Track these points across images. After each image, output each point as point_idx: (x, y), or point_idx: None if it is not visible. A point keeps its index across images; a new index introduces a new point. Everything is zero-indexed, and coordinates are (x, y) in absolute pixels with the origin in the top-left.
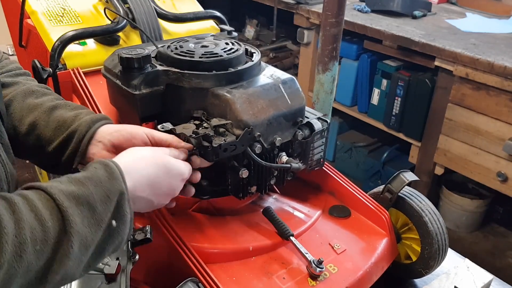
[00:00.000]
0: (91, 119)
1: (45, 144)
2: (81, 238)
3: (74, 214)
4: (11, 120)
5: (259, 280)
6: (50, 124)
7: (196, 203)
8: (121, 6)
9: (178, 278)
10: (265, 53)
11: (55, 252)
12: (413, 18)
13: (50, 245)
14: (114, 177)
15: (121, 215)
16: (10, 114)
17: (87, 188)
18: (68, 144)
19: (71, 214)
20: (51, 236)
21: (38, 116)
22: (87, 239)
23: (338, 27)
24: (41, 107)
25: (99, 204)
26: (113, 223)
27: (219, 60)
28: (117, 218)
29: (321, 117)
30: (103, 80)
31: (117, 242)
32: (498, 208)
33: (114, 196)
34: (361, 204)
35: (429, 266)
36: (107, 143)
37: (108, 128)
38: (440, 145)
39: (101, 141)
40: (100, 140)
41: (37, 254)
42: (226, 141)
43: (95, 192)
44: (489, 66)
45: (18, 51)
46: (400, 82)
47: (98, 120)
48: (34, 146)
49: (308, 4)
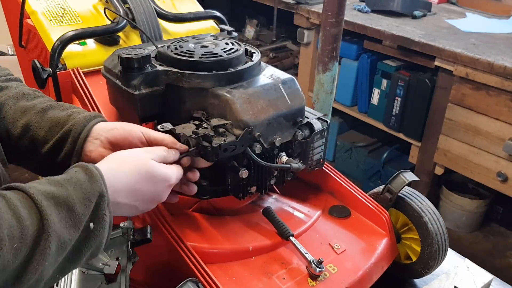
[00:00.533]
0: (84, 117)
1: (39, 145)
2: (59, 238)
3: (52, 214)
4: (4, 124)
5: (259, 280)
6: (43, 125)
7: (196, 203)
8: (121, 6)
9: (178, 278)
10: (265, 53)
11: (33, 251)
12: (413, 18)
13: (27, 243)
14: (94, 180)
15: (99, 218)
16: (2, 117)
17: (66, 189)
18: (64, 144)
19: (49, 213)
20: (29, 234)
21: (31, 118)
22: (65, 240)
23: (338, 27)
24: (34, 109)
25: (78, 205)
26: (90, 225)
27: (219, 60)
28: (95, 220)
29: (321, 117)
30: (103, 80)
31: (94, 246)
32: (498, 208)
33: (93, 198)
34: (361, 204)
35: (429, 266)
36: (104, 140)
37: (104, 126)
38: (440, 145)
39: (98, 138)
40: (97, 138)
41: (15, 252)
42: (226, 141)
43: (74, 193)
44: (489, 66)
45: (18, 51)
46: (400, 82)
47: (92, 118)
48: (28, 148)
49: (308, 4)
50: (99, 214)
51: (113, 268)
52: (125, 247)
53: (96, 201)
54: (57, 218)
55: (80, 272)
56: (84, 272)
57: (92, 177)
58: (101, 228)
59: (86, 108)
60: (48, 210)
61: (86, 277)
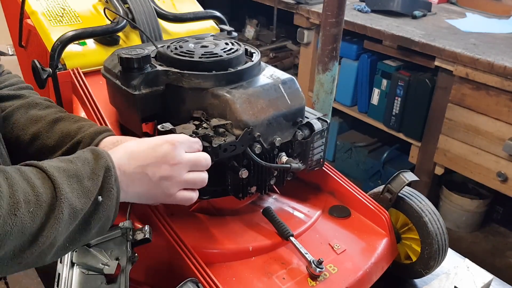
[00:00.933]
0: (94, 131)
1: (47, 154)
2: (71, 206)
3: (64, 183)
4: (14, 130)
5: (259, 280)
6: (53, 135)
7: (196, 203)
8: (121, 6)
9: (178, 278)
10: (265, 53)
11: (48, 216)
12: (413, 18)
13: (43, 208)
14: (100, 157)
15: (107, 191)
16: (13, 123)
17: (75, 164)
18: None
19: (60, 183)
20: (43, 200)
21: (42, 127)
22: (76, 208)
23: (338, 27)
24: (45, 119)
25: (86, 179)
26: (99, 198)
27: (219, 60)
28: (103, 193)
29: (321, 117)
30: (103, 80)
31: (103, 219)
32: (498, 208)
33: (100, 172)
34: (361, 204)
35: (429, 266)
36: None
37: (111, 139)
38: (440, 145)
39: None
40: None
41: (31, 216)
42: (226, 141)
43: (82, 168)
44: (489, 66)
45: (18, 51)
46: (400, 82)
47: (101, 132)
48: (37, 156)
49: (308, 4)
50: (106, 187)
51: (113, 268)
52: (125, 247)
53: (103, 175)
54: (69, 188)
55: (81, 273)
56: (84, 272)
57: (98, 155)
58: (108, 201)
59: (86, 109)
60: (60, 180)
61: (86, 277)
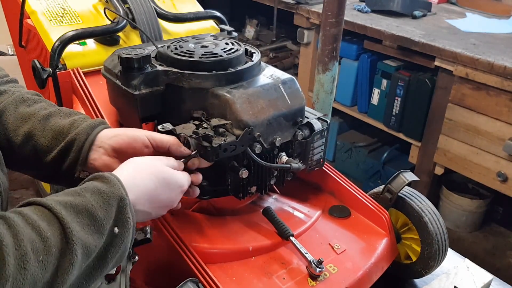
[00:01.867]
0: (88, 125)
1: (42, 154)
2: (84, 246)
3: (74, 222)
4: (4, 131)
5: (259, 280)
6: (46, 133)
7: (196, 203)
8: (121, 6)
9: (178, 278)
10: (265, 53)
11: (60, 262)
12: (413, 18)
13: (53, 255)
14: (112, 184)
15: (123, 221)
16: (3, 124)
17: (83, 197)
18: (68, 153)
19: (69, 221)
20: (53, 245)
21: (33, 126)
22: (90, 247)
23: (338, 27)
24: (35, 116)
25: (98, 211)
26: (115, 230)
27: (219, 60)
28: (119, 224)
29: (321, 117)
30: (103, 80)
31: (120, 251)
32: (498, 208)
33: (113, 202)
34: (361, 204)
35: (429, 266)
36: (108, 148)
37: (107, 133)
38: (440, 145)
39: (102, 146)
40: (101, 146)
41: (42, 266)
42: (226, 141)
43: (93, 199)
44: (489, 66)
45: (18, 51)
46: (400, 82)
47: (96, 125)
48: (31, 157)
49: (308, 4)
50: (122, 218)
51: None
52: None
53: (118, 204)
54: (79, 226)
55: None
56: None
57: (109, 182)
58: (126, 232)
59: (86, 109)
60: (69, 219)
61: None
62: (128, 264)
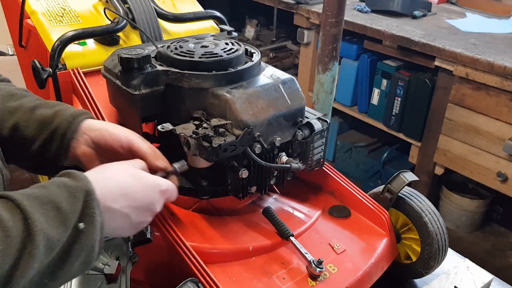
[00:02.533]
0: (71, 114)
1: (28, 144)
2: (47, 238)
3: (37, 212)
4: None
5: (259, 280)
6: (31, 124)
7: (196, 203)
8: (121, 6)
9: (178, 278)
10: (265, 53)
11: (20, 254)
12: (413, 18)
13: (14, 245)
14: (78, 179)
15: (89, 217)
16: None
17: (49, 189)
18: (52, 142)
19: (32, 212)
20: (14, 235)
21: (19, 118)
22: (53, 239)
23: (338, 27)
24: (22, 109)
25: (64, 203)
26: (80, 225)
27: (219, 60)
28: (85, 219)
29: (321, 117)
30: (103, 80)
31: (85, 250)
32: (498, 208)
33: (79, 195)
34: (361, 204)
35: (429, 266)
36: (88, 138)
37: (91, 123)
38: (440, 145)
39: (82, 136)
40: (83, 135)
41: (1, 256)
42: (226, 141)
43: (58, 192)
44: (489, 66)
45: (18, 51)
46: (400, 82)
47: (78, 115)
48: (17, 148)
49: (308, 4)
50: (88, 213)
51: (113, 268)
52: (125, 247)
53: (84, 199)
54: (43, 217)
55: None
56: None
57: (76, 178)
58: (91, 228)
59: (86, 108)
60: (31, 209)
61: (86, 277)
62: (129, 264)
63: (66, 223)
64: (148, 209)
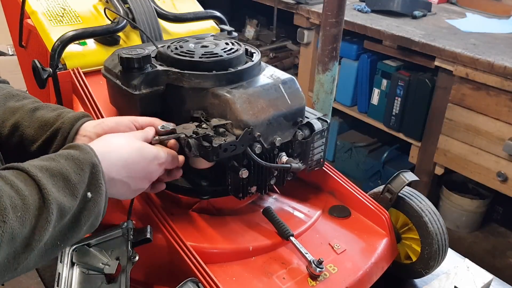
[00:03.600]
0: (73, 116)
1: (28, 143)
2: (59, 206)
3: (49, 183)
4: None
5: (259, 280)
6: (32, 124)
7: (196, 203)
8: (121, 6)
9: (178, 278)
10: (265, 53)
11: (37, 219)
12: (413, 18)
13: (30, 212)
14: (84, 152)
15: (96, 187)
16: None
17: (58, 162)
18: (52, 142)
19: (45, 183)
20: (30, 203)
21: (20, 117)
22: (65, 208)
23: (338, 27)
24: (23, 109)
25: (72, 175)
26: (88, 194)
27: (219, 60)
28: (92, 189)
29: (321, 117)
30: (103, 80)
31: (93, 215)
32: (498, 208)
33: (86, 168)
34: (361, 204)
35: (429, 266)
36: (93, 135)
37: (91, 123)
38: (440, 145)
39: (86, 135)
40: (85, 135)
41: (20, 221)
42: (226, 141)
43: (67, 164)
44: (489, 66)
45: (18, 51)
46: (400, 82)
47: (80, 117)
48: (17, 147)
49: (308, 4)
50: (95, 184)
51: (113, 268)
52: (125, 247)
53: (90, 170)
54: (55, 187)
55: (81, 272)
56: (84, 272)
57: (82, 150)
58: (98, 197)
59: (86, 109)
60: (44, 180)
61: (87, 277)
62: (129, 264)
63: (75, 193)
64: (146, 178)
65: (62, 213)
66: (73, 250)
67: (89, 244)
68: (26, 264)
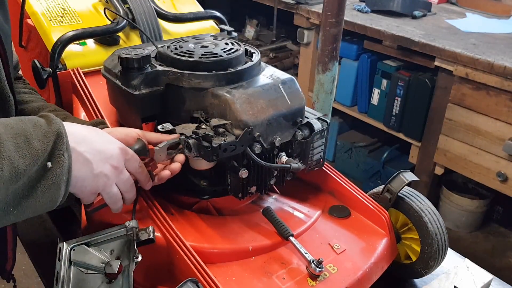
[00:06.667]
0: (90, 123)
1: None
2: (12, 165)
3: (9, 140)
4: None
5: (259, 280)
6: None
7: (196, 203)
8: (121, 6)
9: (178, 278)
10: (265, 53)
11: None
12: (413, 18)
13: None
14: (53, 122)
15: (57, 157)
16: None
17: (26, 125)
18: None
19: (5, 139)
20: None
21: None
22: (19, 169)
23: (338, 27)
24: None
25: (35, 141)
26: (48, 164)
27: (219, 60)
28: (53, 160)
29: (321, 117)
30: (103, 80)
31: (52, 188)
32: (498, 208)
33: (51, 136)
34: (361, 204)
35: (429, 266)
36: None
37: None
38: (440, 145)
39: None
40: None
41: None
42: (225, 141)
43: (33, 130)
44: (489, 66)
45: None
46: (400, 82)
47: (96, 124)
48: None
49: (308, 4)
50: (57, 154)
51: (115, 268)
52: (127, 247)
53: (55, 140)
54: (13, 146)
55: (79, 272)
56: (83, 271)
57: (51, 120)
58: (59, 167)
59: (86, 109)
60: (4, 136)
61: (86, 277)
62: (131, 264)
63: (35, 158)
64: (107, 160)
65: (15, 174)
66: (71, 248)
67: (88, 244)
68: None
